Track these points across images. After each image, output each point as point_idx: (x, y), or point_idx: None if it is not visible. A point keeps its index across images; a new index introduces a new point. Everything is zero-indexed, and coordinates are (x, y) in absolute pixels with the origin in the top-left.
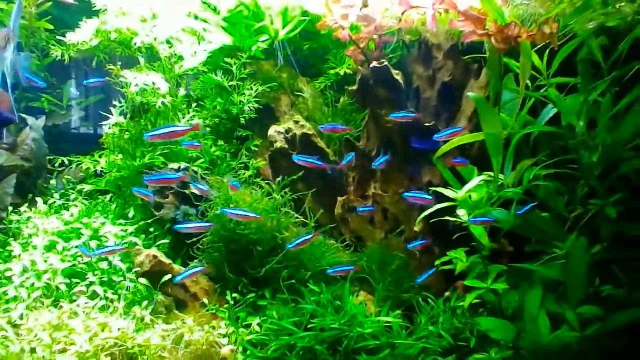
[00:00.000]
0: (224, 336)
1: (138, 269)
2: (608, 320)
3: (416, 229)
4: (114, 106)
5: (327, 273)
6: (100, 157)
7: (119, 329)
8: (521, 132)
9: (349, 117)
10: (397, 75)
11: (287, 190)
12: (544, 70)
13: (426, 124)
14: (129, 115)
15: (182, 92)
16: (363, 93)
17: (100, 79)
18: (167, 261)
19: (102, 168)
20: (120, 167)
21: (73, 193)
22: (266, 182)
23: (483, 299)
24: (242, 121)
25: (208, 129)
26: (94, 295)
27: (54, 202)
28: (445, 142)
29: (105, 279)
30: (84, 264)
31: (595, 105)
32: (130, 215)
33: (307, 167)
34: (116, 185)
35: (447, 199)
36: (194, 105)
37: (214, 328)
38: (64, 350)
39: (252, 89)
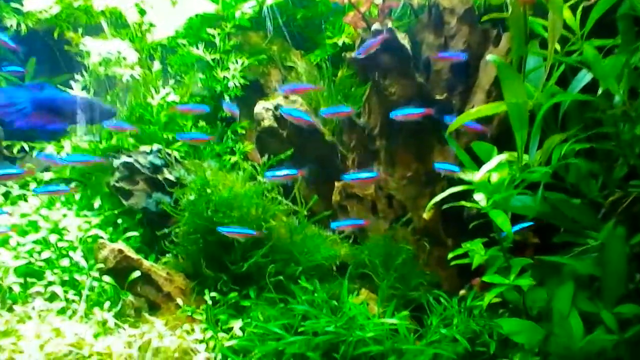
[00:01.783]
0: (200, 342)
1: (101, 265)
2: None
3: (425, 216)
4: (76, 80)
5: (332, 227)
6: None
7: (75, 334)
8: (549, 101)
9: (348, 92)
10: (404, 40)
11: None
12: (577, 28)
13: (437, 96)
14: (92, 91)
15: (156, 65)
16: (364, 61)
17: (18, 68)
18: (135, 256)
19: (67, 154)
20: (85, 151)
21: (34, 182)
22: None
23: (504, 297)
24: (227, 99)
25: None
26: (53, 297)
27: (10, 193)
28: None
29: (67, 278)
30: (41, 261)
31: (638, 71)
32: (97, 205)
33: (299, 146)
34: (81, 173)
35: (461, 182)
36: (171, 81)
37: (188, 332)
38: None
39: (237, 62)
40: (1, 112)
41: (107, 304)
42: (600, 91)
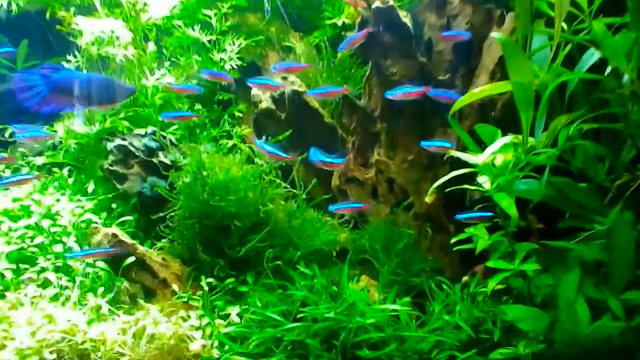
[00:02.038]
0: (197, 328)
1: None
2: None
3: (427, 200)
4: (68, 61)
5: (330, 210)
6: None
7: (68, 321)
8: (556, 80)
9: (348, 73)
10: (406, 18)
11: None
12: (584, 5)
13: (440, 77)
14: (85, 72)
15: (151, 46)
16: (364, 39)
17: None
18: (130, 241)
19: (60, 138)
20: (78, 134)
21: (26, 167)
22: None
23: (508, 284)
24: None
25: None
26: (46, 283)
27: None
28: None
29: (60, 264)
30: (34, 246)
31: None
32: (90, 190)
33: (297, 129)
34: (75, 158)
35: (465, 165)
36: (166, 63)
37: (184, 319)
38: (1, 347)
39: (234, 44)
40: (18, 97)
41: (101, 290)
42: (608, 70)
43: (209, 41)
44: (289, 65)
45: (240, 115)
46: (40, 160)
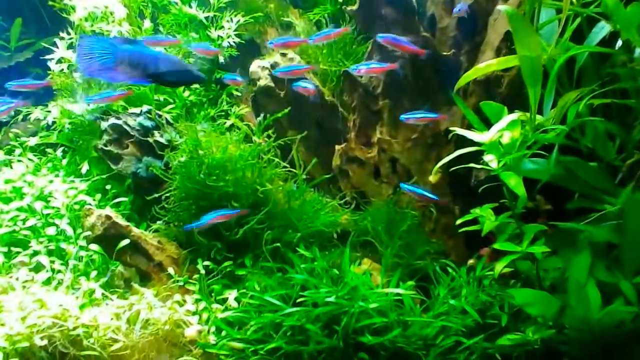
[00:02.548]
0: (193, 313)
1: (88, 232)
2: None
3: (431, 180)
4: (62, 38)
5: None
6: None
7: (60, 306)
8: (564, 55)
9: (349, 50)
10: None
11: (270, 132)
12: None
13: (444, 53)
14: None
15: (146, 23)
16: (366, 14)
17: None
18: (124, 223)
19: (54, 118)
20: (72, 113)
21: (19, 148)
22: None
23: (516, 267)
24: (221, 60)
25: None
26: (39, 267)
27: None
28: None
29: (53, 247)
30: (26, 229)
31: None
32: (84, 170)
33: (297, 107)
34: (69, 138)
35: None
36: None
37: (179, 304)
38: None
39: (232, 20)
40: (80, 61)
41: (93, 274)
42: (619, 44)
43: (207, 18)
44: (286, 40)
45: (239, 94)
46: (33, 141)
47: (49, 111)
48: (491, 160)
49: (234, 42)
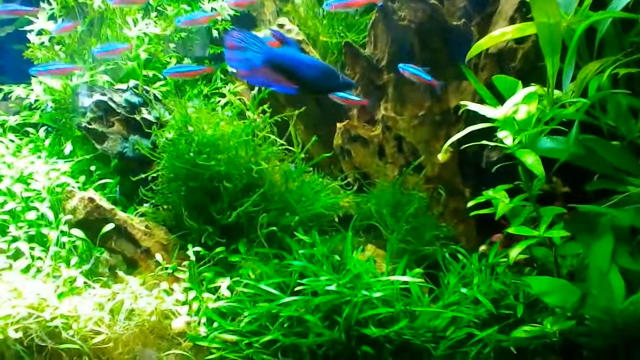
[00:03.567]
0: (182, 303)
1: (69, 217)
2: None
3: (440, 159)
4: (42, 9)
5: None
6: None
7: (37, 295)
8: (585, 22)
9: (351, 21)
10: None
11: (266, 107)
12: None
13: (454, 23)
14: (61, 21)
15: None
16: None
17: None
18: (109, 206)
19: (37, 96)
20: (55, 90)
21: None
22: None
23: (531, 254)
24: (215, 34)
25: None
26: (18, 254)
27: None
28: None
29: (34, 233)
30: (4, 213)
31: None
32: (67, 151)
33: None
34: (52, 118)
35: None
36: (152, 14)
37: (167, 293)
38: None
39: None
40: (226, 53)
41: (74, 260)
42: None
43: None
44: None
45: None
46: (13, 120)
47: (32, 89)
48: (505, 136)
49: (228, 15)
